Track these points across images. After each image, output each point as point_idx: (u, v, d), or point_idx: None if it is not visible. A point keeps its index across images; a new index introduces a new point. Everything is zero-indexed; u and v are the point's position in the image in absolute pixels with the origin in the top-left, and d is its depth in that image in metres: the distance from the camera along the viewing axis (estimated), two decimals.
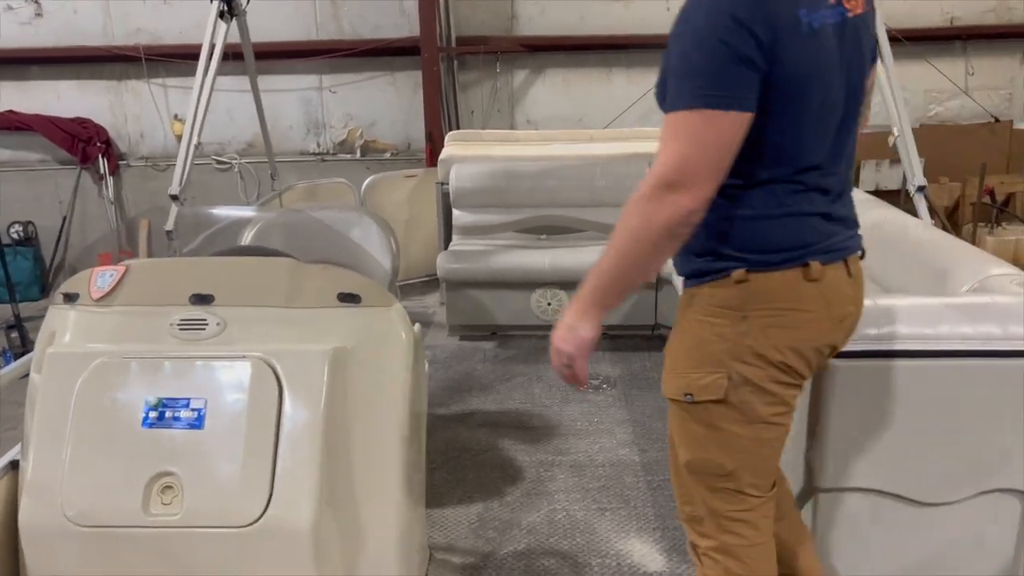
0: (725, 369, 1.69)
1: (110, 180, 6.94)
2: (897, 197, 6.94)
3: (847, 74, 1.68)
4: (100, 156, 6.87)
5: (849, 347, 1.92)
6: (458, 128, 7.24)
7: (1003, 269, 2.50)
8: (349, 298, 2.18)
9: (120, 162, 7.06)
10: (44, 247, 7.04)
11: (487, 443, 3.43)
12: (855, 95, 1.73)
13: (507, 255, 4.16)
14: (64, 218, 7.00)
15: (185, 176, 3.64)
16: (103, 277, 2.20)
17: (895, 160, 7.16)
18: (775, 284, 1.67)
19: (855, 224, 1.82)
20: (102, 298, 2.18)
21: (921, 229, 3.03)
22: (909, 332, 2.09)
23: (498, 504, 3.01)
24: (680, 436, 1.85)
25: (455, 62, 7.18)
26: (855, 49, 1.70)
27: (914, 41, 6.82)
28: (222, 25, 3.74)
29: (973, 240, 6.48)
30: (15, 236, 6.82)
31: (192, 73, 7.25)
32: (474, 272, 4.20)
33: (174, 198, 3.54)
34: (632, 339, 4.35)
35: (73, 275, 2.29)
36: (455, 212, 4.47)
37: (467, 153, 4.61)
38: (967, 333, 2.09)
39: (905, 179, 3.48)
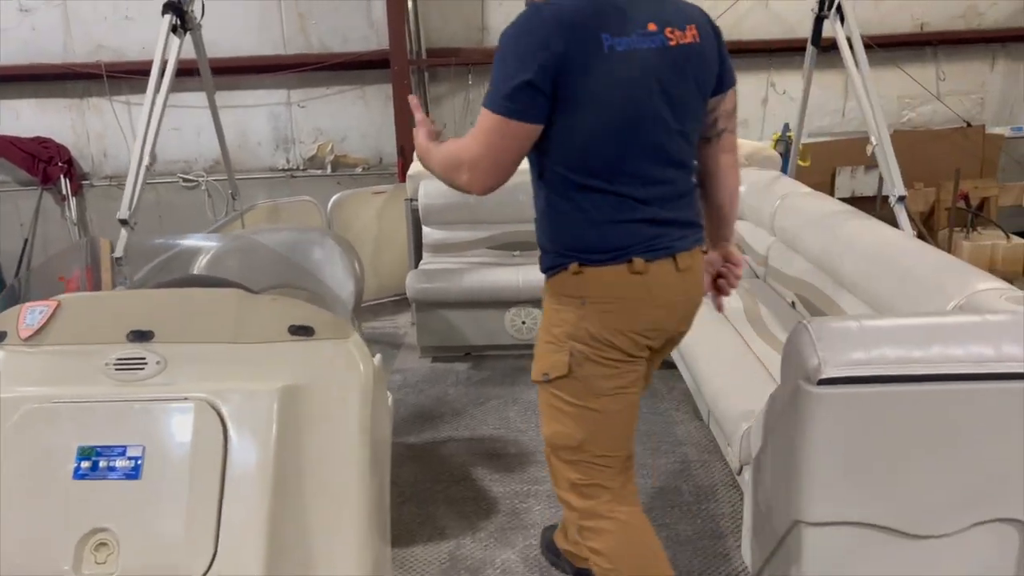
0: (568, 347, 1.96)
1: (72, 201, 6.72)
2: (872, 204, 6.86)
3: (666, 95, 1.87)
4: (62, 176, 6.65)
5: (833, 372, 1.85)
6: None
7: (990, 283, 2.37)
8: (301, 331, 2.02)
9: (83, 182, 6.84)
10: (6, 271, 6.80)
11: (459, 473, 3.25)
12: (682, 115, 1.92)
13: (479, 273, 4.00)
14: (25, 241, 6.76)
15: (135, 199, 3.41)
16: (32, 314, 2.03)
17: (870, 166, 7.09)
18: (605, 276, 1.92)
19: (690, 225, 2.01)
20: (31, 337, 2.00)
21: (903, 241, 2.91)
22: (897, 355, 1.95)
23: (470, 540, 2.83)
24: (543, 415, 2.13)
25: (426, 74, 7.03)
26: (678, 74, 1.89)
27: (885, 48, 6.76)
28: (175, 40, 3.56)
29: (949, 246, 6.40)
30: None
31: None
32: (445, 292, 4.02)
33: (123, 223, 3.31)
34: None
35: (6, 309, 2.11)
36: (425, 229, 4.30)
37: None
38: (959, 355, 1.95)
39: (882, 186, 3.37)
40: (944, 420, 1.97)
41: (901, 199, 3.19)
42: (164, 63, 3.56)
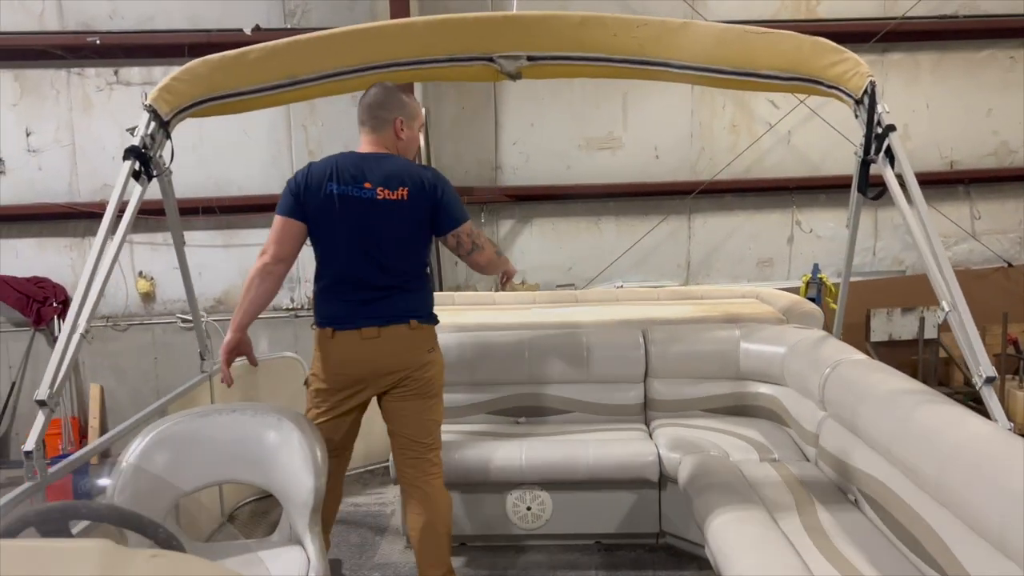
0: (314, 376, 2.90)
1: None
2: (913, 347, 6.16)
3: (367, 229, 2.75)
4: (56, 317, 6.12)
5: None
6: (440, 284, 6.53)
7: None
8: None
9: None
10: None
11: None
12: (380, 244, 2.76)
13: (475, 448, 3.27)
14: (13, 384, 6.18)
15: (61, 374, 2.57)
16: None
17: (906, 308, 6.41)
18: (320, 335, 2.85)
19: (381, 312, 2.79)
20: None
21: (1002, 442, 2.19)
22: None
23: None
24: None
25: None
26: (384, 218, 2.75)
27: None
28: (137, 186, 3.02)
29: (1002, 396, 5.64)
30: None
31: (161, 229, 6.66)
32: None
33: (41, 404, 2.56)
34: (633, 551, 3.37)
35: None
36: None
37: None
38: None
39: (923, 328, 2.66)
40: None
41: (989, 381, 2.49)
42: (123, 208, 3.00)
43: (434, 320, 2.95)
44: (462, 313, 4.02)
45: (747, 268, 7.02)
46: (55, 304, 6.12)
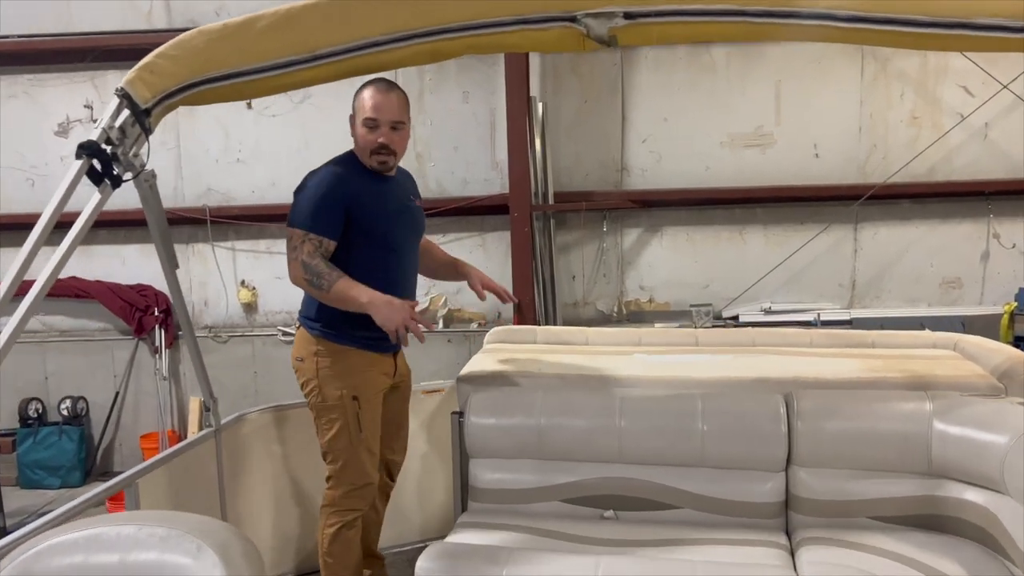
0: None
1: (165, 353, 5.66)
2: None
3: None
4: (157, 326, 5.64)
5: None
6: (553, 298, 5.51)
7: None
8: None
9: (180, 333, 5.80)
10: (95, 425, 5.79)
11: None
12: None
13: (535, 560, 2.19)
14: (116, 394, 5.76)
15: None
16: None
17: None
18: None
19: None
20: None
21: None
22: None
23: None
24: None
25: (552, 221, 5.53)
26: None
27: None
28: (98, 191, 2.23)
29: None
30: (64, 413, 5.62)
31: (264, 236, 6.07)
32: None
33: None
34: None
35: None
36: (472, 462, 2.66)
37: (502, 367, 2.84)
38: None
39: None
40: None
41: None
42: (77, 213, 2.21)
43: (311, 326, 2.69)
44: (540, 355, 2.98)
45: (927, 290, 5.52)
46: (157, 313, 5.64)
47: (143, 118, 2.24)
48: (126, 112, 2.22)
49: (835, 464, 2.43)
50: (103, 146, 2.18)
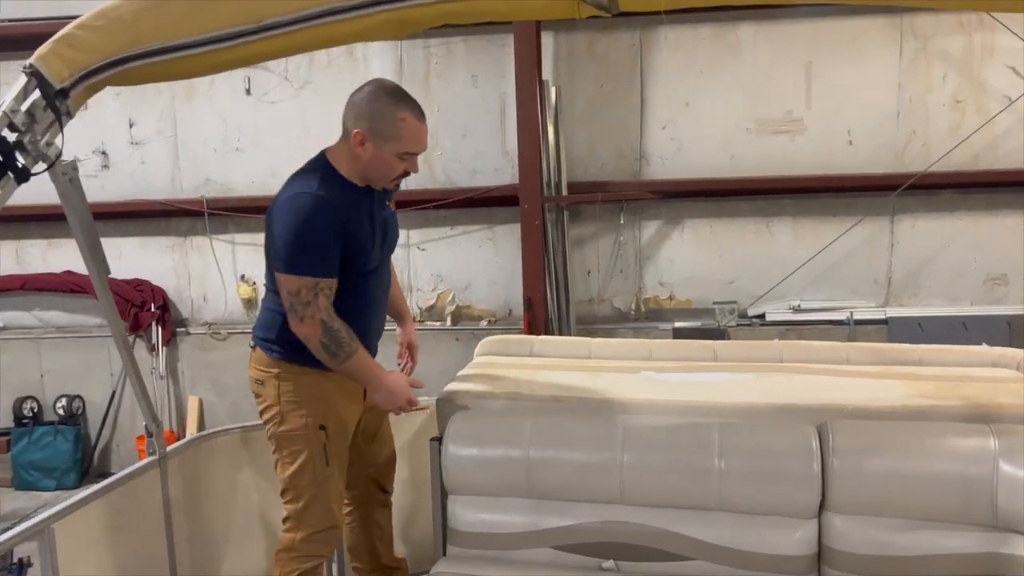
0: None
1: (163, 351, 5.35)
2: None
3: None
4: (154, 323, 5.32)
5: None
6: (567, 294, 5.09)
7: None
8: None
9: (179, 329, 5.48)
10: (92, 424, 5.51)
11: None
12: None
13: None
14: (113, 392, 5.46)
15: None
16: None
17: None
18: None
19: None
20: None
21: None
22: None
23: None
24: None
25: (565, 213, 5.11)
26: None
27: None
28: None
29: None
30: (60, 412, 5.34)
31: (261, 228, 5.71)
32: None
33: None
34: None
35: None
36: (451, 500, 2.26)
37: (489, 386, 2.40)
38: None
39: None
40: None
41: None
42: None
43: (269, 348, 2.32)
44: (534, 371, 2.54)
45: (970, 287, 5.02)
46: (153, 309, 5.32)
47: (57, 100, 1.86)
48: (36, 93, 1.84)
49: (878, 511, 1.99)
50: (4, 133, 1.79)
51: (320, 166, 2.29)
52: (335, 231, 2.18)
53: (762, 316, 5.06)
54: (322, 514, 2.29)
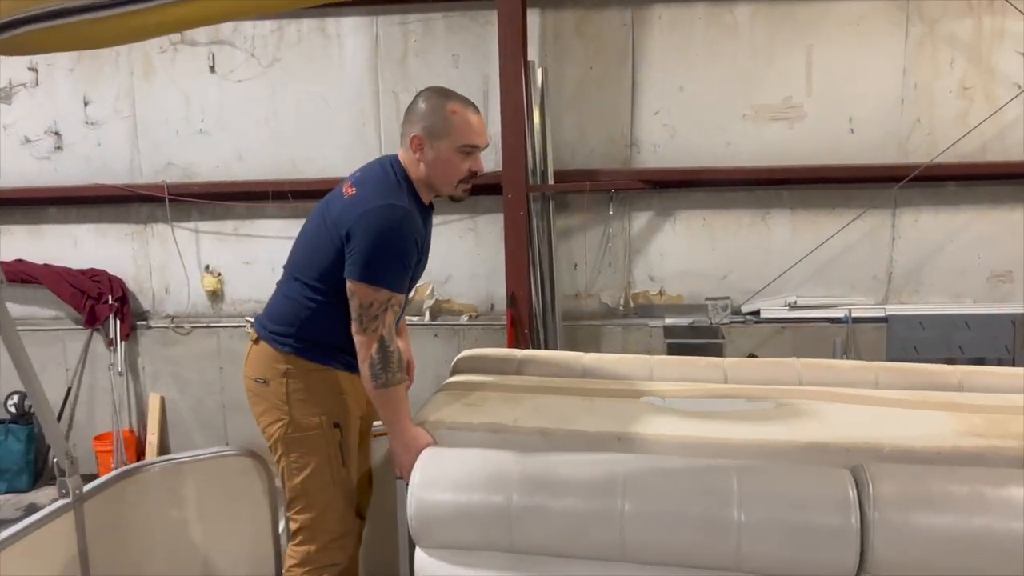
0: None
1: (121, 346, 4.93)
2: None
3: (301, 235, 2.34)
4: (112, 316, 4.90)
5: None
6: (552, 289, 4.72)
7: None
8: None
9: (139, 323, 5.06)
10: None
11: None
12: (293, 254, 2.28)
13: None
14: (68, 389, 5.04)
15: None
16: None
17: None
18: None
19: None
20: None
21: None
22: None
23: None
24: None
25: (551, 203, 4.73)
26: (310, 220, 2.30)
27: None
28: None
29: None
30: (11, 410, 4.92)
31: (230, 216, 5.26)
32: None
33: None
34: None
35: None
36: (419, 554, 1.89)
37: (464, 416, 2.00)
38: None
39: None
40: None
41: None
42: None
43: (280, 341, 2.12)
44: (519, 395, 2.16)
45: (973, 283, 4.72)
46: (111, 301, 4.89)
47: None
48: None
49: (927, 574, 1.65)
50: None
51: (404, 182, 2.14)
52: (417, 249, 2.09)
53: (756, 313, 4.73)
54: (338, 519, 2.12)
